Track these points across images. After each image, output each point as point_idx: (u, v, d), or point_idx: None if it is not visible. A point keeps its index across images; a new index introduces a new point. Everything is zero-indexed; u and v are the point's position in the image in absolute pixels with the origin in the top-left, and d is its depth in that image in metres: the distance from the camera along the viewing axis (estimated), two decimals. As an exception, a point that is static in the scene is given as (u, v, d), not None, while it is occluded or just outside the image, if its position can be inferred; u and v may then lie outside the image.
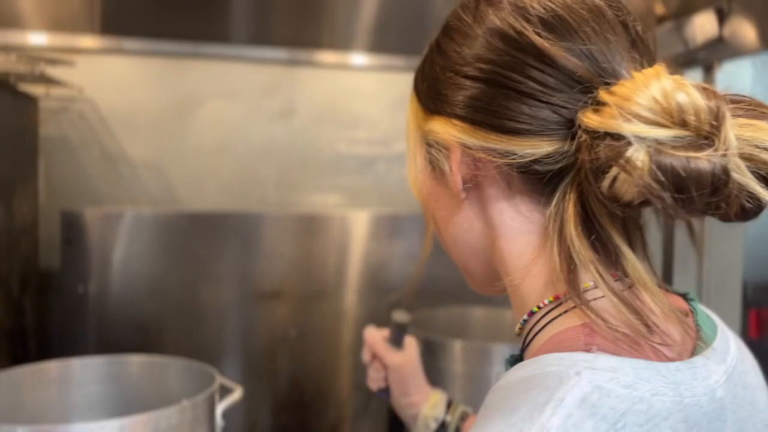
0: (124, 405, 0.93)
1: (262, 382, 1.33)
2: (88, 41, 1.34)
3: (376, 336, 0.85)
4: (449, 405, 0.84)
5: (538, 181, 0.42)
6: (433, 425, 0.82)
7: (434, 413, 0.82)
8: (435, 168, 0.47)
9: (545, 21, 0.40)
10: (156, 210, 1.32)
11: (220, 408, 0.87)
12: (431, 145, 0.47)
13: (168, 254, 1.30)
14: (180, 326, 1.31)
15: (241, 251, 1.33)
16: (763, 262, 1.76)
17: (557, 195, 0.41)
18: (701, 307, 0.46)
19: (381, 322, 1.36)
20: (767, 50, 0.96)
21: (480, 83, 0.42)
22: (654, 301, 0.39)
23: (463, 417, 0.82)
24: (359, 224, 1.38)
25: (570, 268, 0.39)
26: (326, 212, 1.39)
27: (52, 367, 0.90)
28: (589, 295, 0.39)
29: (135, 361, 0.94)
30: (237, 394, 0.89)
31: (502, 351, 1.10)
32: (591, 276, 0.38)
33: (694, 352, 0.40)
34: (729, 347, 0.43)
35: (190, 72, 1.42)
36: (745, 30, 0.96)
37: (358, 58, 1.47)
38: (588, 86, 0.38)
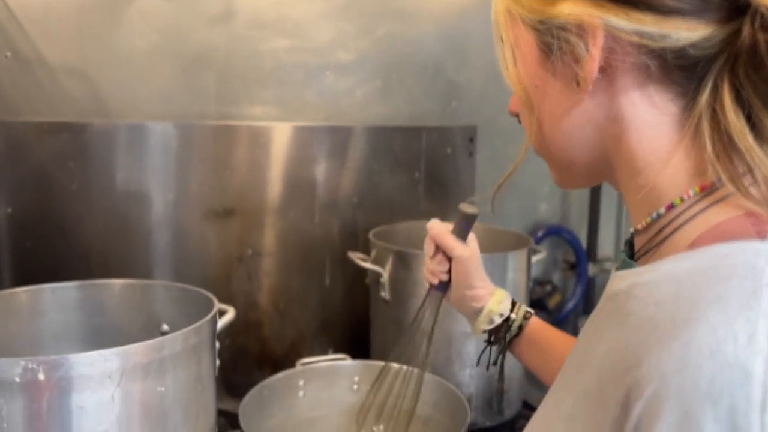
0: (103, 334, 0.86)
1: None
2: None
3: (442, 228, 0.81)
4: (513, 304, 0.84)
5: (680, 70, 0.41)
6: (498, 320, 0.82)
7: (500, 309, 0.82)
8: (550, 56, 0.45)
9: None
10: (85, 120, 1.18)
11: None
12: (552, 31, 0.43)
13: (105, 170, 1.18)
14: (124, 249, 1.21)
15: (187, 166, 1.24)
16: None
17: (707, 83, 0.40)
18: None
19: (337, 237, 1.35)
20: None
21: None
22: None
23: (527, 316, 0.83)
24: (311, 137, 1.32)
25: (728, 156, 0.39)
26: (276, 125, 1.31)
27: (20, 294, 0.80)
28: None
29: (116, 285, 0.86)
30: (230, 314, 0.85)
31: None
32: (746, 165, 0.39)
33: None
34: None
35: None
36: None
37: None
38: None
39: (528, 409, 1.26)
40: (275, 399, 0.99)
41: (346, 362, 1.06)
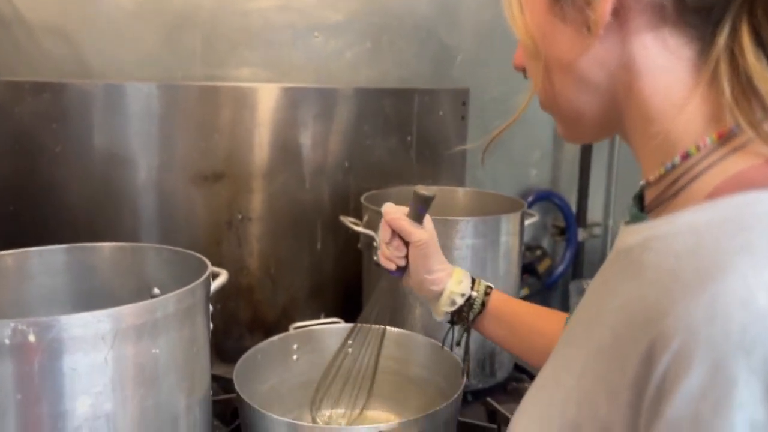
0: (92, 298, 0.84)
1: (208, 269, 1.25)
2: None
3: (398, 212, 0.80)
4: (473, 281, 0.83)
5: (696, 12, 0.39)
6: (460, 300, 0.81)
7: (460, 289, 0.81)
8: (560, 0, 0.44)
9: None
10: (67, 81, 1.15)
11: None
12: None
13: (89, 132, 1.15)
14: (111, 213, 1.18)
15: (173, 129, 1.21)
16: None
17: (725, 25, 0.38)
18: None
19: (328, 201, 1.33)
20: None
21: None
22: None
23: (487, 292, 0.83)
24: (300, 99, 1.29)
25: (747, 100, 0.38)
26: (263, 86, 1.28)
27: (6, 257, 0.78)
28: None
29: (105, 248, 0.84)
30: (223, 277, 0.83)
31: (464, 224, 1.11)
32: (765, 110, 0.37)
33: None
34: None
35: None
36: None
37: None
38: None
39: (519, 371, 1.27)
40: (269, 363, 0.99)
41: (340, 326, 1.06)
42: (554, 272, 1.69)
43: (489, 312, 0.82)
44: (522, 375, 1.26)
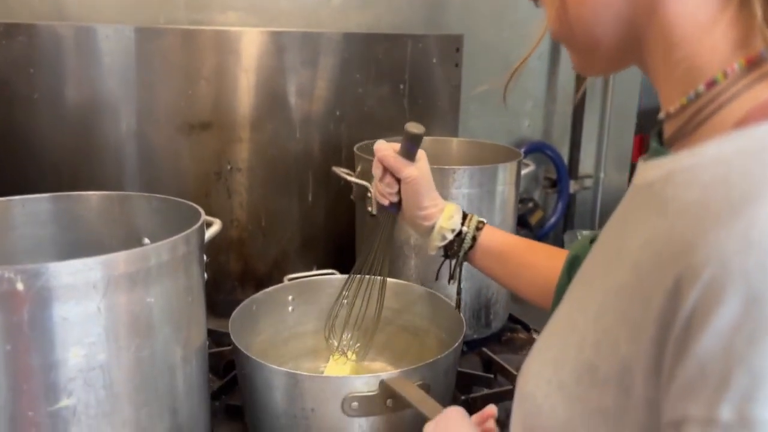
0: (79, 249, 0.81)
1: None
2: None
3: (388, 149, 0.80)
4: (465, 216, 0.83)
5: None
6: (450, 236, 0.81)
7: (450, 224, 0.81)
8: None
9: None
10: (44, 23, 1.09)
11: (202, 242, 0.78)
12: None
13: (68, 78, 1.10)
14: (95, 164, 1.14)
15: (157, 74, 1.15)
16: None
17: None
18: None
19: (319, 152, 1.30)
20: None
21: None
22: None
23: (479, 227, 0.82)
24: (287, 44, 1.24)
25: None
26: (248, 30, 1.23)
27: (-12, 205, 0.74)
28: None
29: (92, 197, 0.80)
30: (216, 226, 0.80)
31: (461, 173, 1.09)
32: None
33: None
34: None
35: None
36: None
37: None
38: None
39: (513, 322, 1.26)
40: (264, 314, 0.97)
41: (335, 277, 1.04)
42: (545, 224, 1.68)
43: (480, 246, 0.83)
44: (516, 325, 1.26)
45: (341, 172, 1.20)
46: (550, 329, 0.49)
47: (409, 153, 0.79)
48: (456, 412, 0.59)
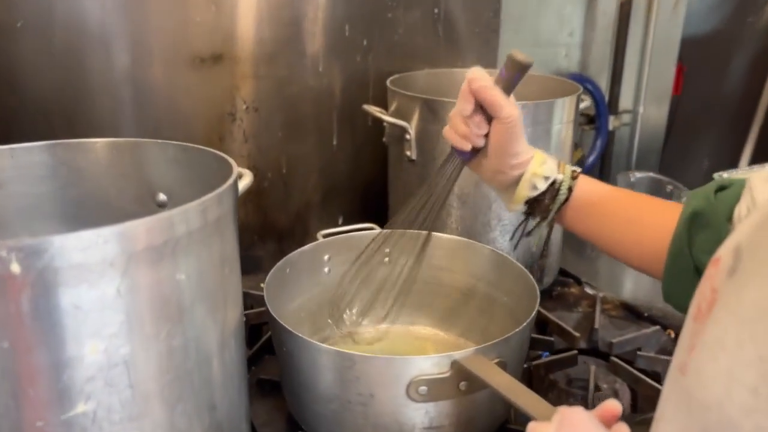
0: (84, 210, 0.67)
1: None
2: None
3: (487, 79, 0.64)
4: (557, 164, 0.69)
5: None
6: (543, 185, 0.67)
7: (544, 170, 0.67)
8: None
9: None
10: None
11: (234, 199, 0.64)
12: None
13: (56, 3, 0.93)
14: (91, 105, 0.98)
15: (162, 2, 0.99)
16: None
17: None
18: None
19: (344, 88, 1.14)
20: None
21: None
22: None
23: (574, 176, 0.69)
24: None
25: None
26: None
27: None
28: None
29: (96, 145, 0.66)
30: (247, 179, 0.66)
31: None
32: None
33: None
34: None
35: None
36: None
37: None
38: None
39: (564, 276, 1.15)
40: (299, 277, 0.84)
41: (375, 232, 0.91)
42: (584, 164, 1.55)
43: (575, 199, 0.68)
44: (568, 279, 1.14)
45: (374, 110, 1.05)
46: (734, 313, 0.35)
47: (510, 86, 0.65)
48: (579, 415, 0.47)
